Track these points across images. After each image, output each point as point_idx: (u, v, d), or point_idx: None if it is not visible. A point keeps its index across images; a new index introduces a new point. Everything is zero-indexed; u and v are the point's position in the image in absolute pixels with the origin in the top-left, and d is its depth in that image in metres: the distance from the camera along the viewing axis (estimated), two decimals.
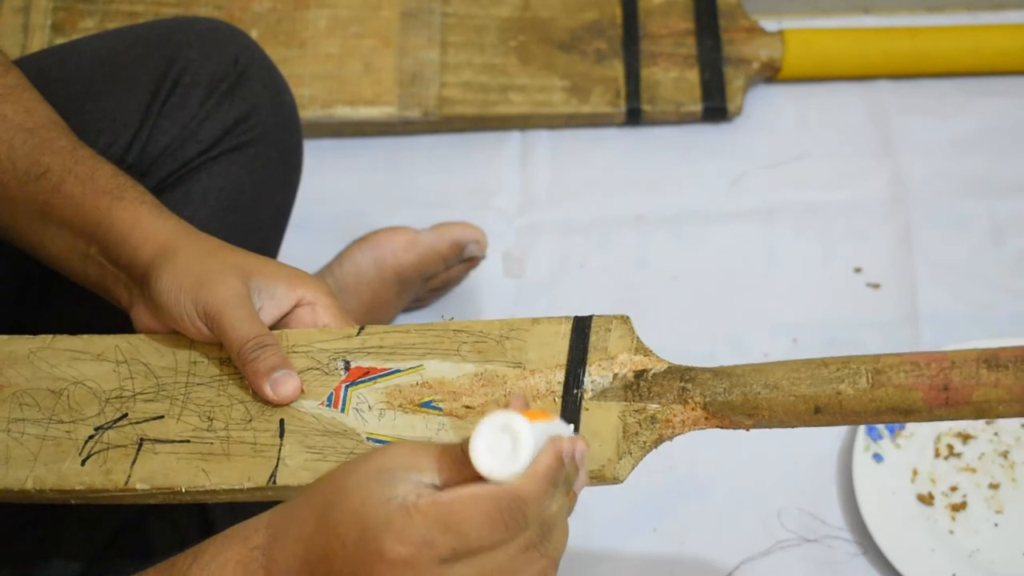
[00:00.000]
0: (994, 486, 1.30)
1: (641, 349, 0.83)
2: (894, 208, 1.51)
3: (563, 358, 0.83)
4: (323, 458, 0.80)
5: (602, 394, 0.81)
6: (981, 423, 1.33)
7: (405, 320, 1.45)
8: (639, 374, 0.81)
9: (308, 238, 1.43)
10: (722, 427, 0.81)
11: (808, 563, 1.28)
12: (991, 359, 0.77)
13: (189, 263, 0.85)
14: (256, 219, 1.10)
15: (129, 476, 0.81)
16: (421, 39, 1.58)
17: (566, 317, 0.84)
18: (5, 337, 0.89)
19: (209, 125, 1.05)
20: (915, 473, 1.31)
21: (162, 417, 0.83)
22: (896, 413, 0.79)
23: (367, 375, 0.84)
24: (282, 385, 0.83)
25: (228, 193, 1.06)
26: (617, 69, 1.56)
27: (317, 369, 0.84)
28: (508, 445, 0.67)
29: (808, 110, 1.60)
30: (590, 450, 0.78)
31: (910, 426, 1.32)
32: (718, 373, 0.82)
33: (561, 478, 0.69)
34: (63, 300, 1.00)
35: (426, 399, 0.83)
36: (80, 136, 0.96)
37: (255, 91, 1.08)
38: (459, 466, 0.68)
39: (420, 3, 1.60)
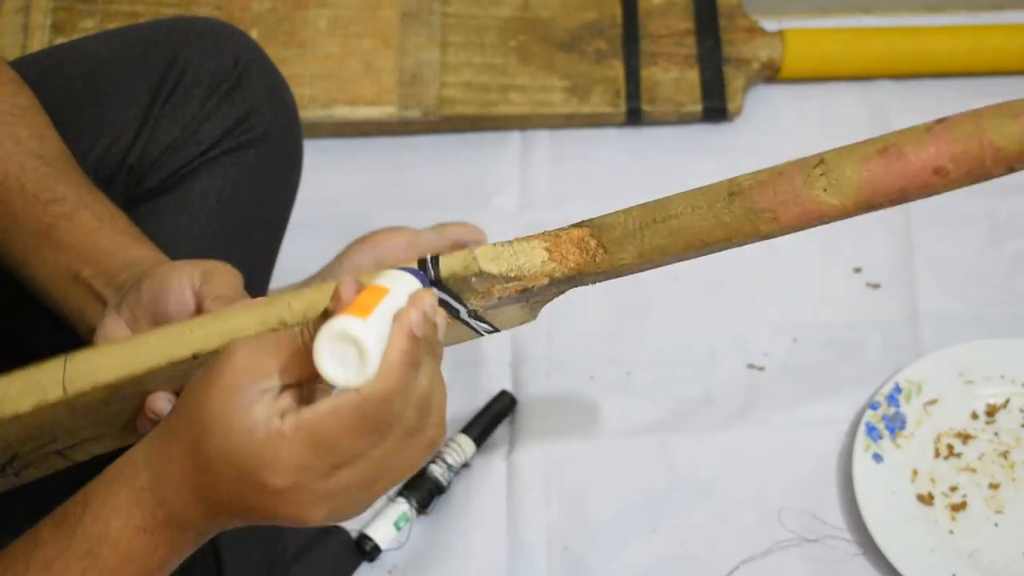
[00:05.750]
0: (994, 486, 1.30)
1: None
2: (894, 208, 1.51)
3: None
4: None
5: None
6: (981, 423, 1.33)
7: None
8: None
9: (308, 238, 1.43)
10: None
11: (808, 563, 1.28)
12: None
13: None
14: (256, 219, 1.11)
15: None
16: (421, 39, 1.57)
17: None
18: None
19: (209, 125, 1.05)
20: (915, 473, 1.30)
21: None
22: None
23: None
24: None
25: (228, 193, 1.06)
26: (617, 69, 1.56)
27: None
28: (354, 352, 0.65)
29: (808, 110, 1.60)
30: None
31: (910, 426, 1.32)
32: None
33: (420, 351, 0.67)
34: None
35: None
36: (81, 137, 0.96)
37: (255, 91, 1.08)
38: (310, 364, 0.66)
39: (420, 3, 1.60)
